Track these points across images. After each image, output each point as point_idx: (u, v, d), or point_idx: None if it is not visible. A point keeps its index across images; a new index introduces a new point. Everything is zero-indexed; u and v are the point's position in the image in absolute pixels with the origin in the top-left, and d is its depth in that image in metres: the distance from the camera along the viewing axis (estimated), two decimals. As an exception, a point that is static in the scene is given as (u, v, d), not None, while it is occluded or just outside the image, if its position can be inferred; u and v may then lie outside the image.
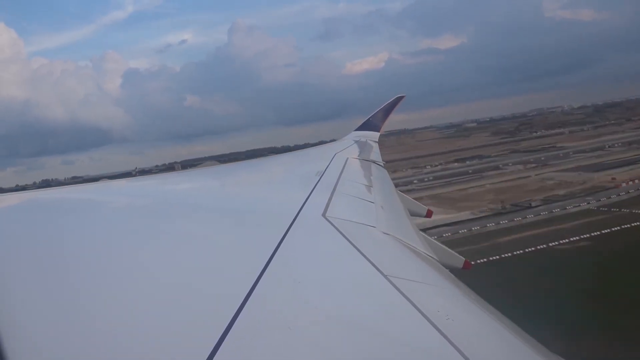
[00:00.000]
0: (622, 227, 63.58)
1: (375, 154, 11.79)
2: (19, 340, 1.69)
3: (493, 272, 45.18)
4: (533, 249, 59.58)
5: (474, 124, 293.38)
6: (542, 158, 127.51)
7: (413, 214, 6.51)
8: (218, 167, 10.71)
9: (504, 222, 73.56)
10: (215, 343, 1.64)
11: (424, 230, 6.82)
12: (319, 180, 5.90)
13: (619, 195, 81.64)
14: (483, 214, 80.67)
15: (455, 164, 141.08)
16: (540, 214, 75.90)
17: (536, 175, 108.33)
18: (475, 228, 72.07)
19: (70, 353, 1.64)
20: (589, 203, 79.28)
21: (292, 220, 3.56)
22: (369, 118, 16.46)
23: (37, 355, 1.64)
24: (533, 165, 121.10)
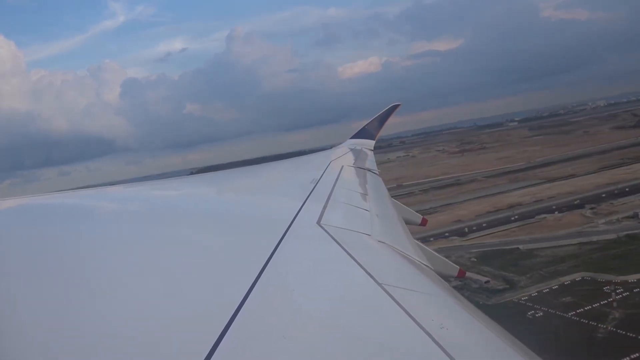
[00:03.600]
0: None
1: (371, 162, 11.75)
2: (21, 342, 1.76)
3: None
4: None
5: (515, 123, 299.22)
6: None
7: (407, 222, 6.54)
8: (213, 173, 10.54)
9: None
10: (208, 351, 1.63)
11: None
12: (314, 187, 5.88)
13: None
14: None
15: None
16: None
17: None
18: None
19: (69, 354, 1.68)
20: None
21: (286, 227, 3.54)
22: (365, 126, 16.51)
23: (39, 356, 1.68)
24: None
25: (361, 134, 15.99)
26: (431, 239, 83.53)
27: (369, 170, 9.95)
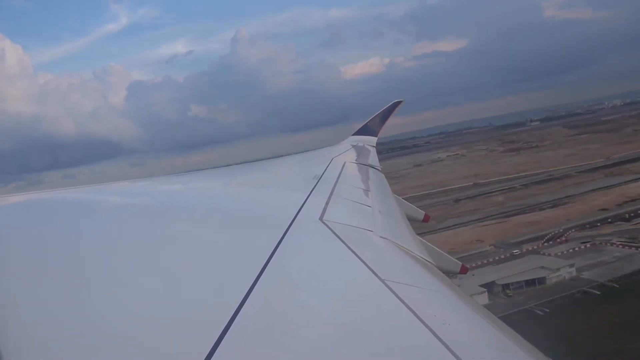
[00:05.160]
0: None
1: (373, 158, 11.74)
2: (19, 340, 1.78)
3: None
4: None
5: (537, 122, 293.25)
6: None
7: (410, 218, 6.58)
8: (216, 170, 10.76)
9: None
10: (211, 347, 1.65)
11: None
12: (316, 183, 5.92)
13: None
14: None
15: None
16: None
17: None
18: None
19: (68, 353, 1.69)
20: None
21: (289, 223, 3.59)
22: (367, 123, 16.42)
23: (38, 355, 1.69)
24: None
25: (363, 131, 15.91)
26: (598, 224, 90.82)
27: (371, 166, 9.97)
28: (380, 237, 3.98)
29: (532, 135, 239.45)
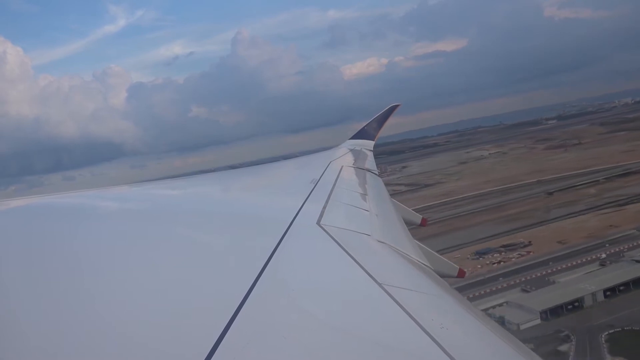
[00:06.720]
0: None
1: (370, 162, 11.80)
2: (21, 342, 1.80)
3: None
4: None
5: (554, 121, 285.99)
6: None
7: (407, 222, 6.52)
8: (213, 174, 10.88)
9: None
10: (208, 352, 1.65)
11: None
12: (313, 187, 5.91)
13: None
14: None
15: None
16: None
17: None
18: None
19: (70, 355, 1.72)
20: None
21: (286, 227, 3.59)
22: (364, 127, 16.46)
23: (40, 356, 1.71)
24: None
25: (361, 135, 15.87)
26: None
27: (369, 170, 10.01)
28: (378, 241, 3.97)
29: (565, 132, 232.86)
